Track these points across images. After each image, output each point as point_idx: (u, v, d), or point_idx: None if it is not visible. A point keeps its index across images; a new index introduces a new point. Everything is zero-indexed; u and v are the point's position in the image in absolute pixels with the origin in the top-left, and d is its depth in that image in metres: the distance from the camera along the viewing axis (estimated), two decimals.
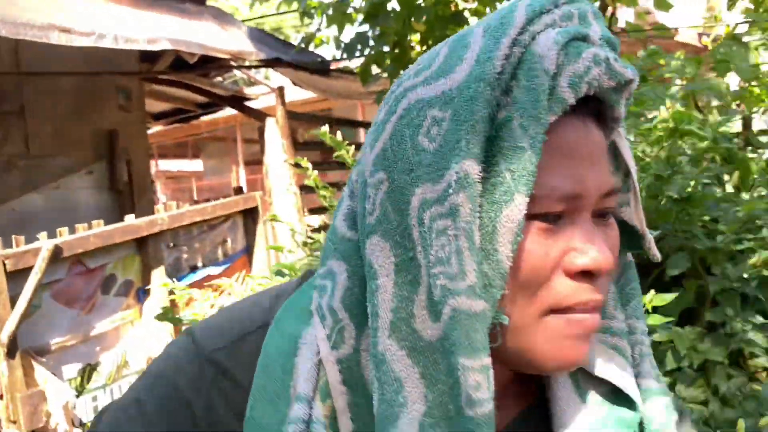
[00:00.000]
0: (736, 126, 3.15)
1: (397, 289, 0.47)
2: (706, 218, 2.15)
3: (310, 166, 2.15)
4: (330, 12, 3.83)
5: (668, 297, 1.51)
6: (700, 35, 6.00)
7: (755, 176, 2.59)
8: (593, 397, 0.55)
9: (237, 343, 0.56)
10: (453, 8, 3.32)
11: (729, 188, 2.58)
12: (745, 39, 3.16)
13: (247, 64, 4.41)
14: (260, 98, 7.46)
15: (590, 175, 0.48)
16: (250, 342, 0.55)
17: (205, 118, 9.02)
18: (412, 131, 0.47)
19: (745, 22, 3.59)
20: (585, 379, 0.55)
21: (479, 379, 0.45)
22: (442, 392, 0.46)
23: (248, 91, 7.47)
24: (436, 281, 0.45)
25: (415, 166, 0.46)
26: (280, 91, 3.83)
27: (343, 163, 2.12)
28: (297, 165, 2.29)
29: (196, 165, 14.83)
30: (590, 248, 0.47)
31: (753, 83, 2.95)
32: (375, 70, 3.63)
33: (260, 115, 4.14)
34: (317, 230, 3.79)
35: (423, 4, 3.23)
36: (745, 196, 2.47)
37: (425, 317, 0.46)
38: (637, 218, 0.55)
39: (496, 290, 0.46)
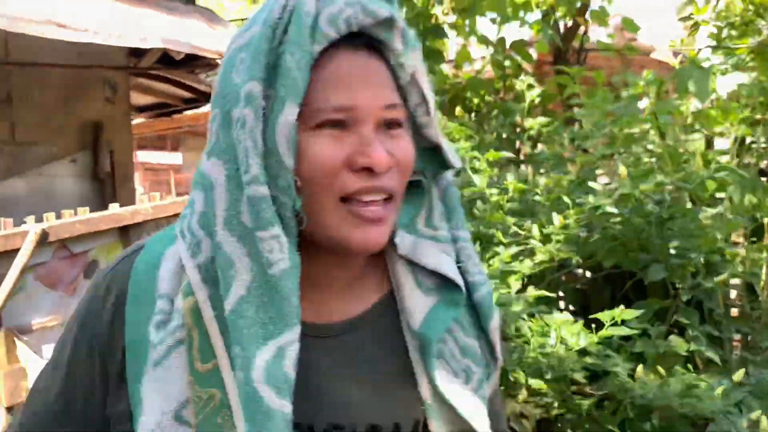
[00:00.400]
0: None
1: (228, 193, 0.62)
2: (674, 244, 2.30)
3: None
4: None
5: (632, 312, 1.67)
6: (675, 53, 6.23)
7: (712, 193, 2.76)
8: (428, 286, 0.72)
9: (118, 263, 0.71)
10: (433, 21, 3.49)
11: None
12: (707, 64, 3.36)
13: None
14: None
15: (362, 91, 0.63)
16: (127, 261, 0.70)
17: (188, 113, 9.07)
18: (229, 71, 0.63)
19: (709, 47, 3.81)
20: (422, 273, 0.73)
21: (272, 245, 0.60)
22: (257, 262, 0.61)
23: None
24: (241, 179, 0.61)
25: (230, 96, 0.62)
26: None
27: None
28: None
29: (175, 158, 14.80)
30: (369, 150, 0.62)
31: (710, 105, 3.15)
32: None
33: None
34: None
35: (408, 18, 3.39)
36: (710, 210, 2.61)
37: (246, 210, 0.61)
38: (436, 136, 0.70)
39: (281, 180, 0.60)
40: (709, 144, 3.55)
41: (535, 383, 1.78)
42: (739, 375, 1.60)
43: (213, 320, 0.63)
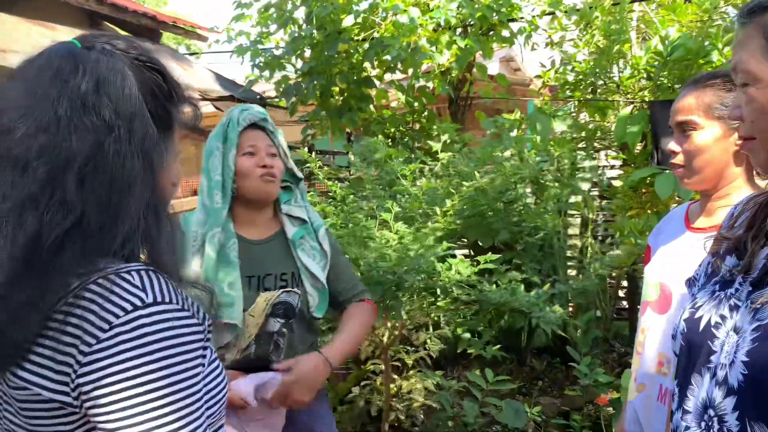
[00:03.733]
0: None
1: (206, 185, 1.73)
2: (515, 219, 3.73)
3: None
4: (260, 60, 5.17)
5: (494, 257, 2.99)
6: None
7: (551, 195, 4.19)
8: (295, 224, 1.85)
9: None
10: (363, 74, 4.79)
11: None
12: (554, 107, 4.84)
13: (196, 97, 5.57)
14: None
15: (259, 142, 1.75)
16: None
17: None
18: (211, 140, 1.75)
19: (552, 98, 5.32)
20: (292, 219, 1.85)
21: (217, 197, 1.71)
22: (212, 203, 1.73)
23: None
24: (210, 177, 1.73)
25: (210, 149, 1.74)
26: None
27: None
28: None
29: None
30: (264, 161, 1.73)
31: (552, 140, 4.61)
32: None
33: (204, 133, 5.33)
34: None
35: (344, 69, 4.66)
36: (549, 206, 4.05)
37: (210, 187, 1.73)
38: (291, 165, 1.85)
39: (229, 176, 1.72)
40: (559, 163, 5.05)
41: (443, 303, 3.06)
42: (546, 287, 2.97)
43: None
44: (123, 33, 6.24)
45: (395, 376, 3.65)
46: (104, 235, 0.78)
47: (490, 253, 2.95)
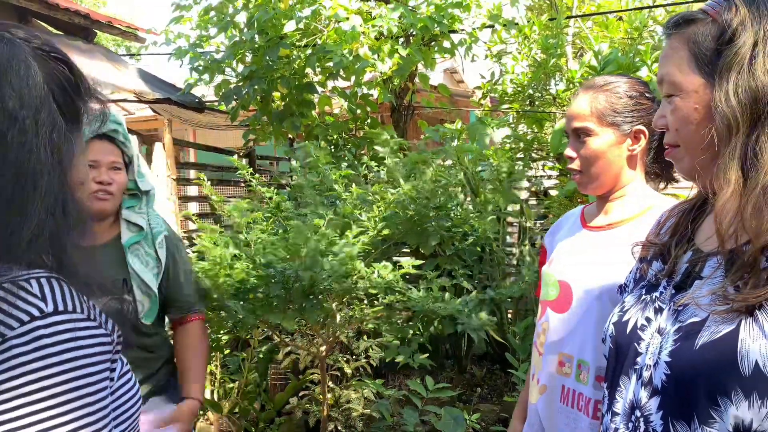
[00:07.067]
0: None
1: None
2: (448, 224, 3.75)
3: (204, 178, 3.41)
4: (199, 64, 5.07)
5: (418, 262, 2.98)
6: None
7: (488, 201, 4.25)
8: (133, 229, 1.83)
9: None
10: (305, 80, 4.75)
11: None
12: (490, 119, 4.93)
13: (131, 99, 5.41)
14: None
15: (102, 157, 1.70)
16: None
17: None
18: None
19: (491, 109, 5.42)
20: (126, 224, 1.82)
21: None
22: None
23: None
24: None
25: None
26: (170, 123, 4.95)
27: None
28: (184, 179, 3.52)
29: None
30: (102, 177, 1.71)
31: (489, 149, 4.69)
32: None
33: (144, 138, 5.18)
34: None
35: (285, 74, 4.61)
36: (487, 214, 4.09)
37: None
38: (136, 176, 1.84)
39: None
40: (499, 172, 5.14)
41: (372, 311, 3.03)
42: (473, 294, 3.00)
43: None
44: (54, 31, 6.00)
45: (334, 386, 3.61)
46: (9, 233, 0.71)
47: (431, 259, 2.96)
